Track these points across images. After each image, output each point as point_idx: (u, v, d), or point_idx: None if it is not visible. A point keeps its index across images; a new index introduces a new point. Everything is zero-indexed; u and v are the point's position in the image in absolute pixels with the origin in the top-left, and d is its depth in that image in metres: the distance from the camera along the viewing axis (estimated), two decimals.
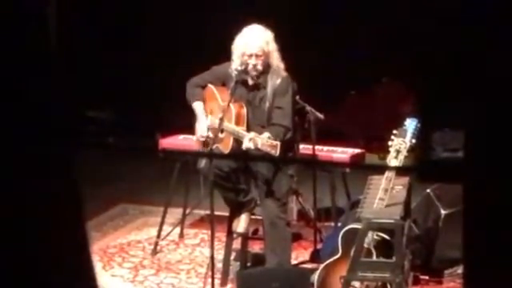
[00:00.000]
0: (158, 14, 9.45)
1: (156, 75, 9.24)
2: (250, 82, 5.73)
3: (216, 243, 5.88)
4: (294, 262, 6.16)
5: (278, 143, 5.31)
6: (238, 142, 5.59)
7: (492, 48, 1.71)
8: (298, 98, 5.90)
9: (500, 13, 1.70)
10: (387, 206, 5.21)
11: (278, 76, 5.71)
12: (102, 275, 6.06)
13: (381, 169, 5.65)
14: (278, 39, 5.73)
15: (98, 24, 9.35)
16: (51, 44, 1.67)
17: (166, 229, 6.77)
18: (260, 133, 5.51)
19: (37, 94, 1.65)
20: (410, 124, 5.47)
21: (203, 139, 5.77)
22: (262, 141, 5.32)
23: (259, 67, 5.67)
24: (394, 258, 5.00)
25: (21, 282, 1.61)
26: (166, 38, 9.35)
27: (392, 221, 5.06)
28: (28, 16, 1.63)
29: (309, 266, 6.14)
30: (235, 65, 5.71)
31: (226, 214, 6.09)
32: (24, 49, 1.63)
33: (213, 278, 5.54)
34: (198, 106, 5.91)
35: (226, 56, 5.83)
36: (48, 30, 1.67)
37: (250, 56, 5.66)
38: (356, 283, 5.07)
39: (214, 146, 5.65)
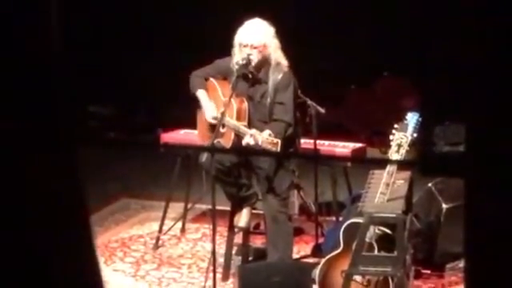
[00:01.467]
0: (157, 12, 9.44)
1: (157, 70, 9.23)
2: (250, 75, 5.73)
3: (218, 238, 5.88)
4: (295, 256, 6.17)
5: (279, 141, 5.31)
6: (239, 136, 5.59)
7: (492, 44, 1.72)
8: (299, 92, 5.90)
9: (500, 10, 1.70)
10: (389, 200, 5.21)
11: (280, 71, 5.71)
12: (103, 270, 6.05)
13: (382, 163, 5.66)
14: (279, 35, 5.73)
15: (99, 18, 9.34)
16: (53, 40, 1.67)
17: (168, 223, 6.77)
18: (261, 128, 5.51)
19: (38, 93, 1.65)
20: (412, 118, 5.47)
21: (215, 121, 5.73)
22: (262, 138, 5.32)
23: (253, 58, 5.66)
24: (395, 253, 5.01)
25: (26, 279, 1.62)
26: (167, 35, 9.34)
27: (394, 215, 5.06)
28: (29, 14, 1.63)
29: (310, 260, 6.15)
30: (236, 58, 5.72)
31: (228, 208, 6.10)
32: (25, 46, 1.63)
33: (214, 273, 5.54)
34: (201, 94, 5.90)
35: (227, 52, 5.83)
36: (50, 26, 1.67)
37: (246, 46, 5.66)
38: (357, 277, 5.07)
39: (216, 141, 5.65)
